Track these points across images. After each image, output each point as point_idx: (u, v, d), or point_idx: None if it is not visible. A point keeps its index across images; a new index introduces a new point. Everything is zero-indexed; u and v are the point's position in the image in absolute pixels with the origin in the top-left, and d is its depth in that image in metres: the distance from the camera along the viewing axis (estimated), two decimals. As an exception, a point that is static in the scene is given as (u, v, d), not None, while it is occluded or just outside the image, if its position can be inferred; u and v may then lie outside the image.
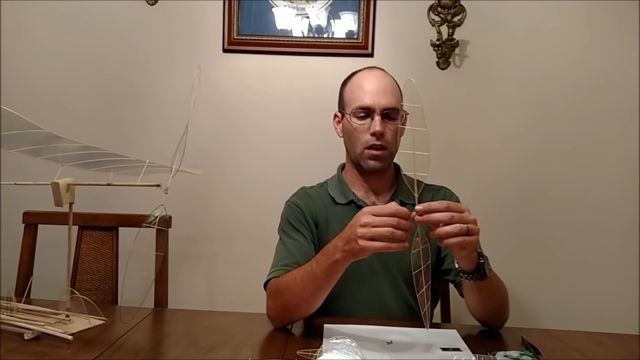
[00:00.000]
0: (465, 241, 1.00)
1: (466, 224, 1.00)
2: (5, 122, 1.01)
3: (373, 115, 1.30)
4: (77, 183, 1.15)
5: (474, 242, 1.02)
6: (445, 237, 0.99)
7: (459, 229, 0.99)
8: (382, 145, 1.31)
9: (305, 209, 1.38)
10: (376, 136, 1.30)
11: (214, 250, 2.06)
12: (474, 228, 1.01)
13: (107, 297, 1.58)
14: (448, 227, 0.99)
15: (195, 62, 2.00)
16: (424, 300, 1.03)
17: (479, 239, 1.03)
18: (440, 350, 1.06)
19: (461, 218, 1.00)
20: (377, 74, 1.36)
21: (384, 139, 1.31)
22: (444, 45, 1.95)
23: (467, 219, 1.01)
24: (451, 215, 0.99)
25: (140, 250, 1.09)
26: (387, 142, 1.31)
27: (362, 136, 1.32)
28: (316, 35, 2.01)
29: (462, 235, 0.99)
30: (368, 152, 1.32)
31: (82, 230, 1.61)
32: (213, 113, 2.02)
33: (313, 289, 1.14)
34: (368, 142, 1.31)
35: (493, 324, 1.24)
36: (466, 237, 1.00)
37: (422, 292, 1.01)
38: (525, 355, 0.97)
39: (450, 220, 0.99)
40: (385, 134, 1.30)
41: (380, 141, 1.30)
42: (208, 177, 1.99)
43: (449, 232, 0.99)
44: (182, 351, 1.05)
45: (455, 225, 0.99)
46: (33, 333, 1.07)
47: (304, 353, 0.87)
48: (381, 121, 1.29)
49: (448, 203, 1.01)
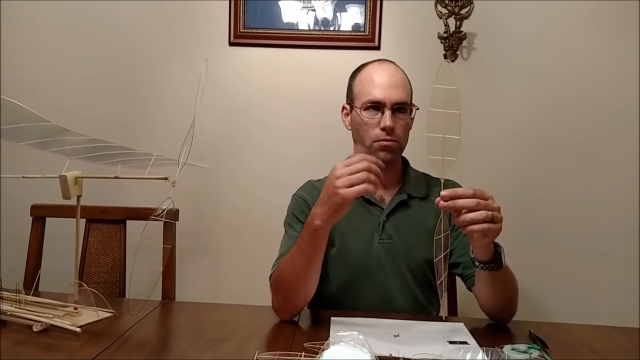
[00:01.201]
0: (490, 229, 1.00)
1: (491, 211, 0.99)
2: (13, 115, 1.01)
3: (383, 109, 1.29)
4: (85, 176, 1.16)
5: (498, 230, 1.02)
6: (470, 224, 0.99)
7: (485, 215, 0.99)
8: (392, 139, 1.30)
9: (311, 202, 1.37)
10: (386, 131, 1.29)
11: (220, 244, 2.06)
12: (498, 216, 1.01)
13: (114, 290, 1.59)
14: (473, 214, 0.99)
15: (201, 55, 1.99)
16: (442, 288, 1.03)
17: (501, 227, 1.02)
18: (448, 344, 1.06)
19: (486, 205, 1.00)
20: (388, 67, 1.35)
21: (394, 134, 1.30)
22: (451, 37, 1.94)
23: (492, 207, 1.01)
24: (477, 202, 0.99)
25: (148, 243, 1.09)
26: (397, 136, 1.31)
27: (372, 130, 1.31)
28: (322, 29, 2.00)
29: (487, 222, 0.99)
30: (378, 144, 1.30)
31: (90, 223, 1.62)
32: (219, 106, 2.02)
33: (302, 264, 1.15)
34: (378, 136, 1.30)
35: (502, 317, 1.24)
36: (491, 225, 1.00)
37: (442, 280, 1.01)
38: (533, 348, 0.97)
39: (476, 206, 0.99)
40: (396, 129, 1.29)
41: (390, 135, 1.30)
42: (214, 170, 1.99)
43: (474, 219, 0.99)
44: (189, 344, 1.05)
45: (481, 212, 0.99)
46: (42, 325, 1.07)
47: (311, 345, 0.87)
48: (392, 116, 1.29)
49: (474, 190, 1.01)
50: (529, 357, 0.93)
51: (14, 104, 0.97)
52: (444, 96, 1.00)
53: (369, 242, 1.33)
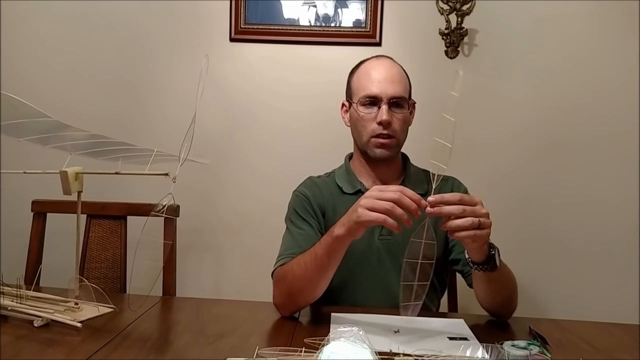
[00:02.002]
0: (477, 235, 0.99)
1: (478, 217, 0.99)
2: (14, 111, 1.01)
3: (380, 104, 1.30)
4: (86, 172, 1.16)
5: (485, 236, 1.01)
6: (456, 230, 0.99)
7: (470, 222, 0.98)
8: (388, 134, 1.30)
9: (312, 198, 1.38)
10: (383, 125, 1.29)
11: (220, 241, 2.07)
12: (486, 222, 1.00)
13: (115, 286, 1.60)
14: (460, 221, 0.98)
15: (202, 51, 1.99)
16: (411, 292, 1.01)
17: (490, 232, 1.02)
18: (448, 340, 1.06)
19: (473, 212, 0.99)
20: (384, 62, 1.35)
21: (391, 128, 1.30)
22: (452, 34, 1.93)
23: (479, 213, 1.00)
24: (463, 209, 0.98)
25: (148, 239, 1.09)
26: (394, 131, 1.31)
27: (369, 125, 1.31)
28: (323, 25, 2.00)
29: (473, 229, 0.99)
30: (375, 141, 1.31)
31: (91, 219, 1.62)
32: (219, 102, 2.02)
33: (315, 270, 1.14)
34: (375, 131, 1.31)
35: (502, 314, 1.24)
36: (477, 231, 0.99)
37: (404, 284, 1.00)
38: (533, 344, 0.97)
39: (462, 213, 0.98)
40: (392, 123, 1.30)
41: (386, 130, 1.30)
42: (214, 167, 1.99)
43: (460, 225, 0.98)
44: (190, 339, 1.05)
45: (467, 219, 0.98)
46: (43, 320, 1.08)
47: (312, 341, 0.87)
48: (388, 110, 1.29)
49: (461, 195, 1.01)
50: (528, 353, 0.93)
51: (14, 100, 0.97)
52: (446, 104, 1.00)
53: (369, 238, 1.33)
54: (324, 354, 0.75)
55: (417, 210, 1.00)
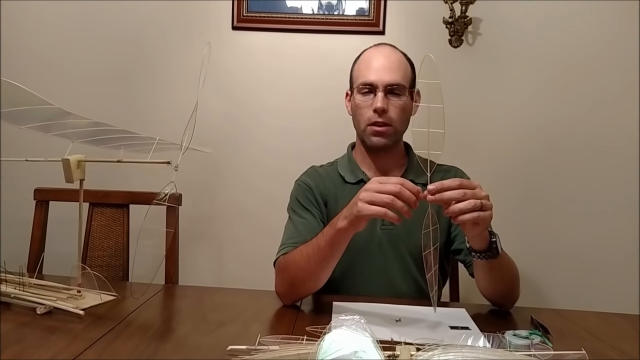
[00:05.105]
0: (480, 217, 1.00)
1: (479, 199, 0.99)
2: (16, 98, 1.01)
3: (376, 91, 1.29)
4: (88, 159, 1.16)
5: (488, 218, 1.02)
6: (459, 214, 0.99)
7: (473, 204, 0.98)
8: (384, 122, 1.30)
9: (314, 188, 1.38)
10: (378, 112, 1.28)
11: (222, 229, 2.07)
12: (487, 203, 1.01)
13: (118, 274, 1.60)
14: (462, 204, 0.99)
15: (205, 39, 1.98)
16: (433, 281, 1.03)
17: (492, 214, 1.02)
18: (449, 329, 1.07)
19: (474, 194, 1.00)
20: (384, 50, 1.35)
21: (387, 116, 1.29)
22: (456, 22, 1.92)
23: (480, 195, 1.01)
24: (464, 192, 0.99)
25: (150, 227, 1.09)
26: (390, 119, 1.30)
27: (365, 112, 1.31)
28: (326, 13, 1.98)
29: (476, 210, 0.99)
30: (371, 129, 1.31)
31: (93, 207, 1.62)
32: (222, 91, 2.01)
33: (317, 261, 1.14)
34: (370, 119, 1.30)
35: (503, 303, 1.24)
36: (480, 213, 0.99)
37: (432, 273, 1.02)
38: (535, 334, 0.97)
39: (463, 197, 0.99)
40: (389, 111, 1.29)
41: (382, 118, 1.29)
42: (216, 156, 1.99)
43: (463, 208, 0.99)
44: (192, 327, 1.06)
45: (469, 201, 0.99)
46: (45, 308, 1.08)
47: (313, 329, 0.87)
48: (384, 97, 1.28)
49: (460, 180, 1.01)
50: (530, 342, 0.93)
51: (16, 87, 0.97)
52: (427, 90, 1.00)
53: (371, 228, 1.32)
54: (325, 342, 0.75)
55: (416, 202, 1.01)
